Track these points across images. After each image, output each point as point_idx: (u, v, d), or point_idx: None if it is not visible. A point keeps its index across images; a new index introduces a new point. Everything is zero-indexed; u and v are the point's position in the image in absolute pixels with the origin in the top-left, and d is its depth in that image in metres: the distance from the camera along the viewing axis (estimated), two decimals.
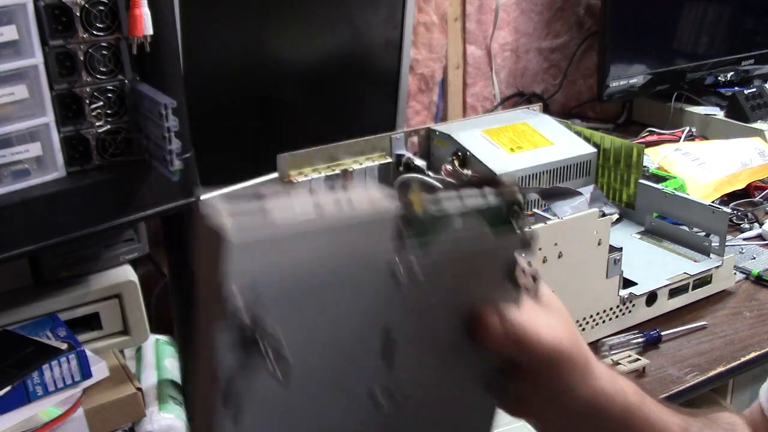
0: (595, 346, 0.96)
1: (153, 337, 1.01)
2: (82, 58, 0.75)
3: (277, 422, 0.39)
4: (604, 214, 0.93)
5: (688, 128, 1.63)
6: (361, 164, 1.17)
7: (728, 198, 1.35)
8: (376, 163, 1.19)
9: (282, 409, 0.38)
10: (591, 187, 1.16)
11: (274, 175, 1.12)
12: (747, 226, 1.28)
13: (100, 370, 0.85)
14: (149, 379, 0.94)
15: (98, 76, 0.76)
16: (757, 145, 1.51)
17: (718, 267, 1.07)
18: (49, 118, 0.75)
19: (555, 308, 0.50)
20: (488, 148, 1.19)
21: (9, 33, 0.70)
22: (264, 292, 0.35)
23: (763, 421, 0.60)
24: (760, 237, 1.25)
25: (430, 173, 1.18)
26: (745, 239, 1.25)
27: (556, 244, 0.88)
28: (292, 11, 1.23)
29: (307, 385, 0.39)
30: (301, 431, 0.40)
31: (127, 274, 0.95)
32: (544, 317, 0.48)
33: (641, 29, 1.64)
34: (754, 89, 1.68)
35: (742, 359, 0.95)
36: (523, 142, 1.22)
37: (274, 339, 0.35)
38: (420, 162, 1.19)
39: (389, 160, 1.20)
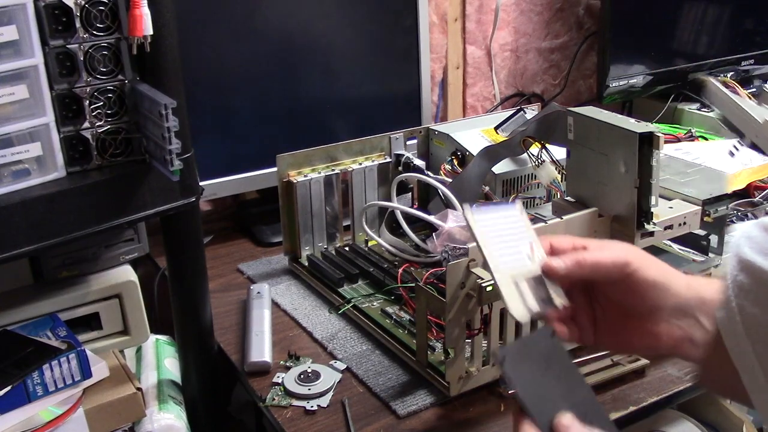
0: None
1: (153, 337, 1.01)
2: (82, 58, 0.75)
3: None
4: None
5: (688, 128, 1.63)
6: (360, 164, 1.18)
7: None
8: (375, 162, 1.19)
9: None
10: None
11: (274, 169, 1.12)
12: None
13: (100, 370, 0.85)
14: (149, 379, 0.94)
15: (98, 76, 0.76)
16: None
17: (716, 266, 1.07)
18: (49, 118, 0.75)
19: (614, 245, 0.66)
20: None
21: (9, 33, 0.70)
22: None
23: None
24: None
25: (429, 173, 1.18)
26: None
27: None
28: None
29: None
30: None
31: (127, 274, 0.95)
32: (602, 250, 0.65)
33: (641, 29, 1.64)
34: (754, 89, 1.68)
35: None
36: None
37: None
38: (419, 162, 1.19)
39: (388, 159, 1.20)
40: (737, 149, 1.38)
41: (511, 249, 0.66)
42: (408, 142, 1.22)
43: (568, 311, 0.66)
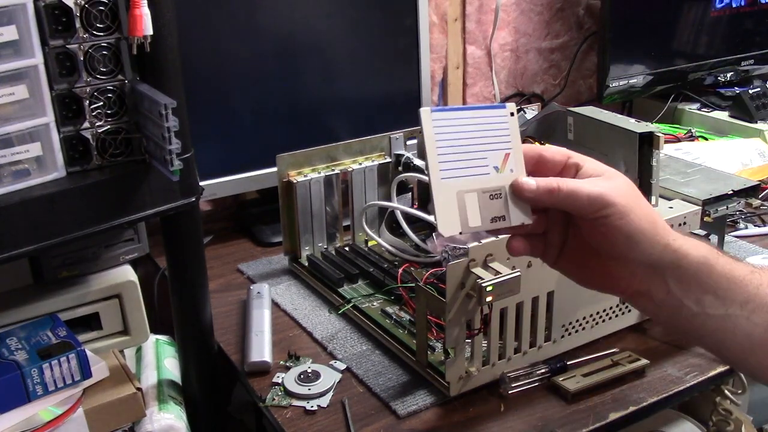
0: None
1: (153, 337, 1.01)
2: (82, 58, 0.75)
3: None
4: None
5: (688, 128, 1.63)
6: (360, 164, 1.17)
7: None
8: (375, 162, 1.19)
9: None
10: None
11: (274, 169, 1.12)
12: (743, 225, 1.29)
13: (100, 370, 0.85)
14: (149, 379, 0.94)
15: (98, 76, 0.76)
16: (757, 145, 1.52)
17: None
18: (49, 118, 0.75)
19: (609, 176, 0.61)
20: None
21: (9, 33, 0.70)
22: None
23: None
24: (759, 236, 1.26)
25: None
26: (742, 237, 1.25)
27: None
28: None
29: None
30: None
31: (127, 274, 0.95)
32: (587, 182, 0.60)
33: (641, 29, 1.64)
34: (758, 89, 1.69)
35: None
36: None
37: None
38: (419, 162, 1.19)
39: (388, 159, 1.20)
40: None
41: (474, 157, 0.60)
42: (408, 142, 1.22)
43: (539, 226, 0.63)
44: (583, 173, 0.62)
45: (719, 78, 1.75)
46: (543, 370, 0.90)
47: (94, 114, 0.77)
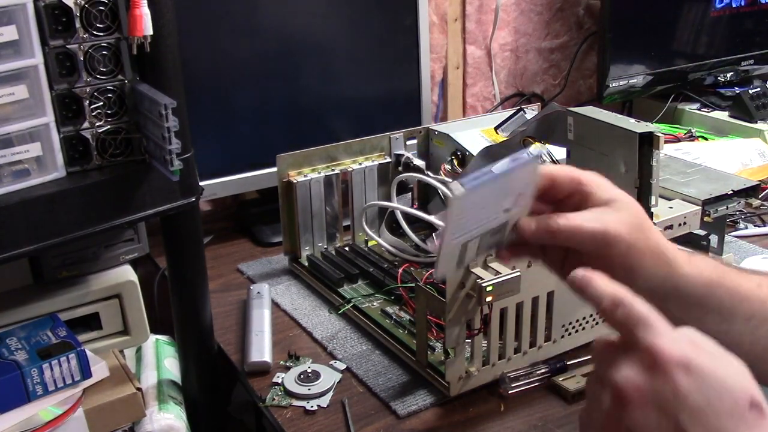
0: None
1: (153, 337, 1.01)
2: (82, 58, 0.75)
3: None
4: None
5: (688, 128, 1.63)
6: (360, 164, 1.17)
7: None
8: (375, 162, 1.19)
9: None
10: None
11: (274, 169, 1.12)
12: (743, 225, 1.28)
13: (100, 370, 0.85)
14: (149, 379, 0.94)
15: (98, 76, 0.76)
16: (757, 145, 1.52)
17: None
18: (49, 118, 0.75)
19: (617, 207, 0.60)
20: None
21: (9, 33, 0.70)
22: None
23: None
24: (759, 236, 1.25)
25: (429, 173, 1.18)
26: (742, 237, 1.25)
27: None
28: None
29: None
30: None
31: (127, 274, 0.95)
32: (591, 212, 0.60)
33: (641, 29, 1.64)
34: (758, 89, 1.69)
35: None
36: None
37: None
38: (419, 162, 1.19)
39: (388, 159, 1.20)
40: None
41: (491, 212, 0.60)
42: (408, 142, 1.22)
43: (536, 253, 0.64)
44: (591, 203, 0.61)
45: (719, 78, 1.75)
46: (543, 370, 0.90)
47: (94, 114, 0.78)
